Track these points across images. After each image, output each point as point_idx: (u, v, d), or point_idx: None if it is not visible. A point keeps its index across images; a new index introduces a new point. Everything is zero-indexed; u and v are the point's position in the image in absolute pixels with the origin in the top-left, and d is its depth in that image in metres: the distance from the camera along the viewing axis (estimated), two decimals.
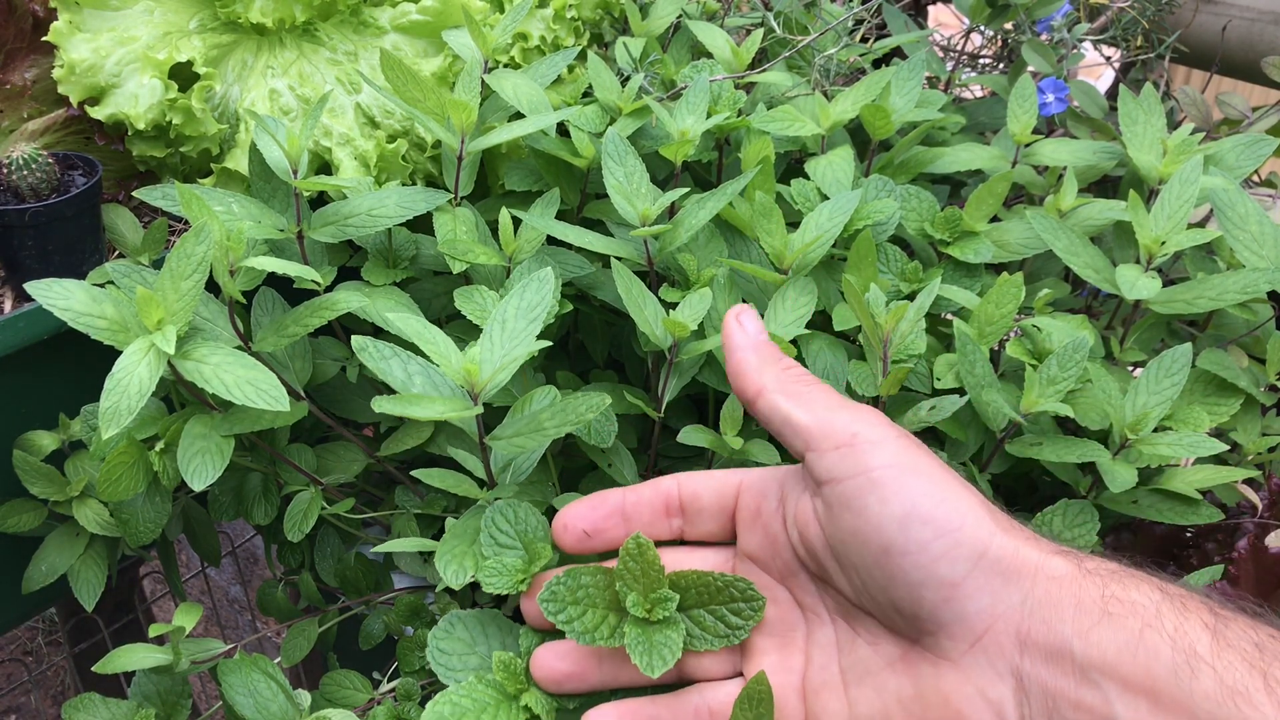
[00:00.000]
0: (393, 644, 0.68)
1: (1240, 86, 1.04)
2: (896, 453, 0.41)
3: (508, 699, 0.48)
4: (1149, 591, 0.38)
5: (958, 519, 0.40)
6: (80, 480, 0.67)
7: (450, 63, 0.74)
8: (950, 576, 0.39)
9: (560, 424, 0.54)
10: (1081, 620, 0.38)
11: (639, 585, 0.47)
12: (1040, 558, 0.40)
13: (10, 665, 1.63)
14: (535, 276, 0.55)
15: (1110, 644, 0.37)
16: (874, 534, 0.41)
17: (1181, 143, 0.73)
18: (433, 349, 0.51)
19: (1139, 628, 0.37)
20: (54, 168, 0.65)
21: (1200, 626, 0.36)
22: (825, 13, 0.86)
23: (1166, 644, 0.36)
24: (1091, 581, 0.39)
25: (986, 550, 0.40)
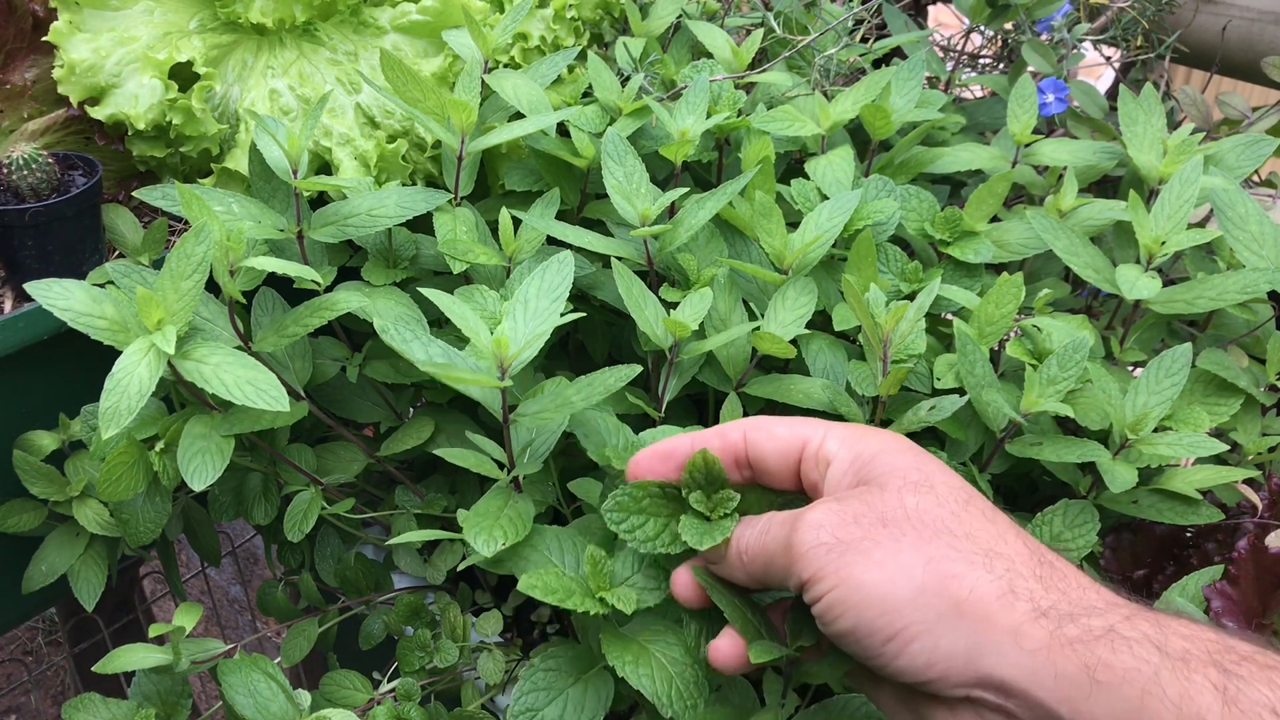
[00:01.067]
0: (393, 644, 0.68)
1: (1240, 86, 1.04)
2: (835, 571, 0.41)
3: (589, 594, 0.51)
4: (1145, 654, 0.36)
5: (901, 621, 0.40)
6: (80, 480, 0.67)
7: (450, 63, 0.74)
8: (912, 671, 0.40)
9: (588, 395, 0.55)
10: (1065, 690, 0.37)
11: (702, 488, 0.50)
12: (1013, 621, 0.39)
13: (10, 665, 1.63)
14: (555, 259, 0.56)
15: (1105, 713, 0.36)
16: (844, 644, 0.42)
17: (1181, 143, 0.73)
18: (464, 323, 0.53)
19: (1138, 696, 0.35)
20: (54, 168, 0.65)
21: (1208, 689, 0.35)
22: (825, 13, 0.86)
23: (1170, 713, 0.35)
24: (1073, 651, 0.37)
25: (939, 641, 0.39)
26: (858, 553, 0.41)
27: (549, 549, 0.55)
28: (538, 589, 0.50)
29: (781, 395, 0.63)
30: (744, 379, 0.65)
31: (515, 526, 0.55)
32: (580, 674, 0.53)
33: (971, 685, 0.39)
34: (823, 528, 0.43)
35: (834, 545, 0.42)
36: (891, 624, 0.40)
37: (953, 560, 0.40)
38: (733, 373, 0.65)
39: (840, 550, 0.41)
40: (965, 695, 0.39)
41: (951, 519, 0.42)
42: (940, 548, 0.41)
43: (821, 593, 0.42)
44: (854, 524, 0.42)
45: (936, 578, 0.40)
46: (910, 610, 0.39)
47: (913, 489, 0.43)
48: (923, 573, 0.40)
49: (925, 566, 0.40)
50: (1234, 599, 0.53)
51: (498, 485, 0.58)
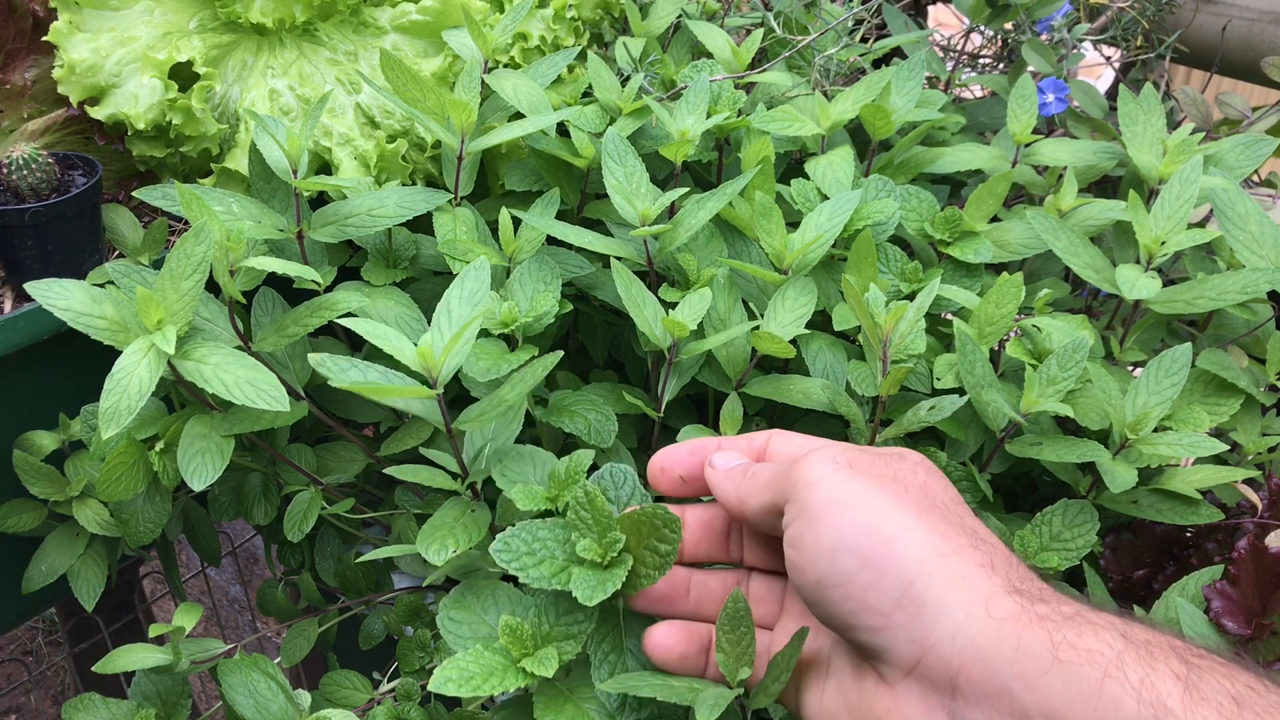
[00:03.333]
0: (393, 644, 0.68)
1: (1240, 86, 1.04)
2: (834, 487, 0.42)
3: (513, 665, 0.50)
4: (1109, 639, 0.36)
5: (884, 547, 0.40)
6: (80, 480, 0.67)
7: (450, 63, 0.74)
8: (878, 606, 0.39)
9: (519, 390, 0.55)
10: (1024, 664, 0.36)
11: (592, 532, 0.50)
12: (986, 590, 0.39)
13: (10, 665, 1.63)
14: (472, 266, 0.56)
15: (1062, 694, 0.35)
16: (810, 568, 0.41)
17: (1181, 143, 0.73)
18: (385, 343, 0.53)
19: (1098, 678, 0.35)
20: (54, 168, 0.65)
21: (1170, 677, 0.35)
22: (825, 13, 0.86)
23: (1131, 696, 0.34)
24: (1040, 626, 0.37)
25: (914, 579, 0.39)
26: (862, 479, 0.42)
27: (483, 608, 0.54)
28: (452, 682, 0.48)
29: (781, 395, 0.63)
30: (744, 379, 0.65)
31: (470, 534, 0.55)
32: None
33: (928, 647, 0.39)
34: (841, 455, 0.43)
35: (842, 466, 0.43)
36: (873, 550, 0.40)
37: (945, 526, 0.41)
38: (732, 373, 0.65)
39: (847, 472, 0.42)
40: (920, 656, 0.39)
41: (952, 505, 0.43)
42: (938, 515, 0.42)
43: (812, 503, 0.42)
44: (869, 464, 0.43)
45: (928, 528, 0.40)
46: (895, 544, 0.40)
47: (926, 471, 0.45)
48: (917, 518, 0.41)
49: (920, 515, 0.41)
50: (1234, 599, 0.53)
51: (456, 496, 0.58)
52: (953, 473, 0.60)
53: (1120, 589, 0.63)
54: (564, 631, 0.51)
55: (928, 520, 0.41)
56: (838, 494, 0.42)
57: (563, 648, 0.50)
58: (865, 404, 0.63)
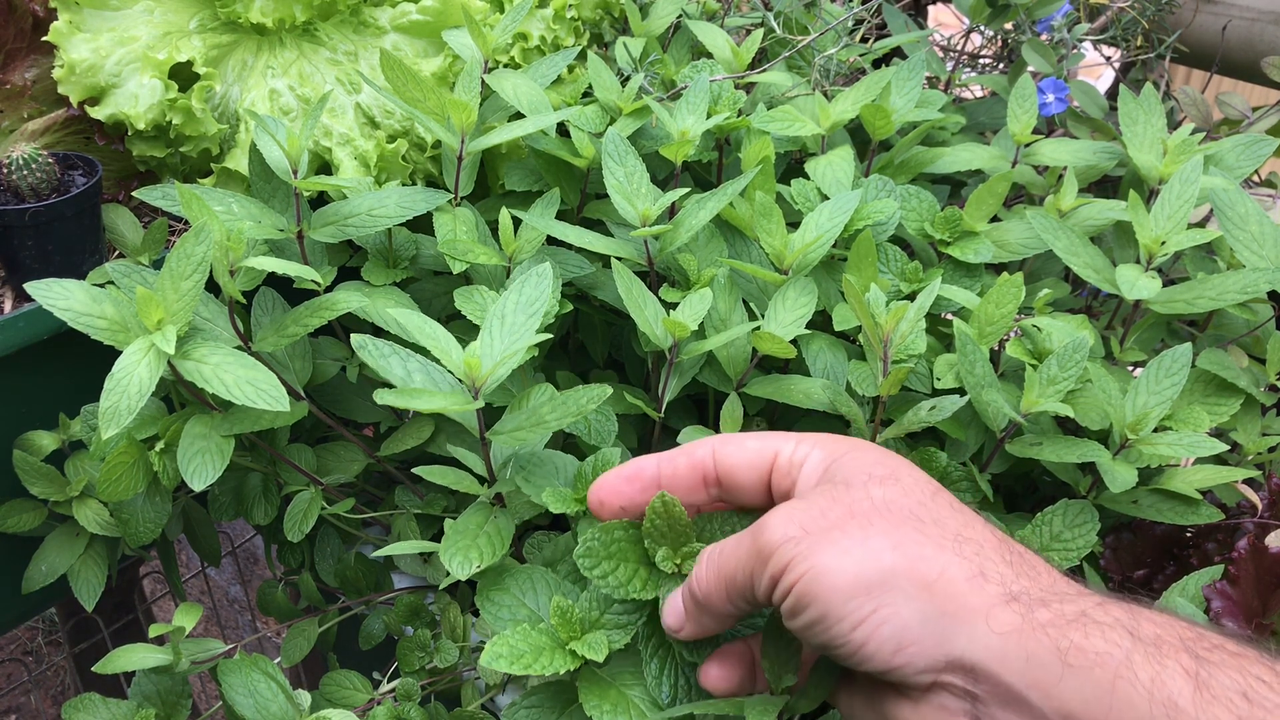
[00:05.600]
0: (393, 644, 0.68)
1: (1240, 86, 1.04)
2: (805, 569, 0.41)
3: (561, 647, 0.50)
4: (1117, 638, 0.36)
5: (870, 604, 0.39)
6: (80, 480, 0.67)
7: (450, 63, 0.74)
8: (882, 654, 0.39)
9: (561, 416, 0.54)
10: (1035, 674, 0.36)
11: (667, 541, 0.49)
12: (984, 607, 0.38)
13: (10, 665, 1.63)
14: (534, 271, 0.55)
15: (1076, 697, 0.35)
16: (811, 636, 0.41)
17: (1181, 143, 0.73)
18: (434, 344, 0.52)
19: (1109, 680, 0.35)
20: (54, 168, 0.65)
21: (1180, 674, 0.35)
22: (825, 13, 0.86)
23: (1143, 697, 0.34)
24: (1045, 635, 0.37)
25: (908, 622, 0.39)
26: (826, 541, 0.41)
27: (521, 591, 0.54)
28: (503, 658, 0.49)
29: (782, 395, 0.63)
30: (744, 379, 0.65)
31: (494, 545, 0.54)
32: (564, 709, 0.53)
33: (940, 670, 0.39)
34: (790, 522, 0.42)
35: (801, 537, 0.41)
36: (860, 608, 0.39)
37: (921, 544, 0.40)
38: (733, 373, 0.65)
39: (809, 541, 0.41)
40: (933, 681, 0.39)
41: (919, 507, 0.42)
42: (908, 532, 0.41)
43: (790, 584, 0.41)
44: (821, 517, 0.42)
45: (905, 560, 0.39)
46: (879, 593, 0.39)
47: (879, 482, 0.43)
48: (891, 556, 0.40)
49: (894, 550, 0.40)
50: (1234, 599, 0.53)
51: (479, 501, 0.58)
52: (953, 473, 0.60)
53: (1120, 589, 0.63)
54: (615, 620, 0.51)
55: (901, 552, 0.40)
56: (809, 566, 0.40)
57: (612, 635, 0.50)
58: (866, 404, 0.63)
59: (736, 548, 0.45)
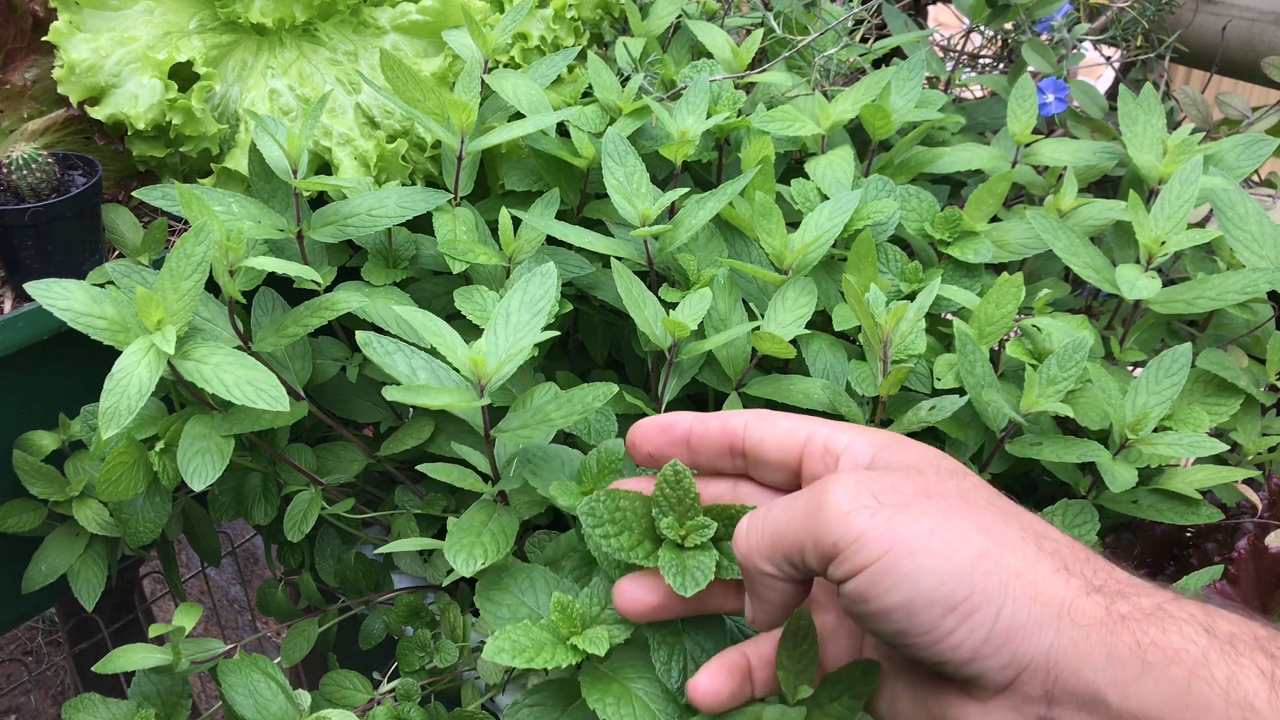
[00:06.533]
0: (393, 644, 0.68)
1: (1240, 86, 1.04)
2: (883, 537, 0.38)
3: (562, 642, 0.50)
4: (1193, 635, 0.35)
5: (965, 586, 0.37)
6: (80, 480, 0.67)
7: (450, 63, 0.74)
8: (970, 643, 0.37)
9: (567, 414, 0.54)
10: (1115, 671, 0.35)
11: (674, 511, 0.49)
12: (1068, 597, 0.37)
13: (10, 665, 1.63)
14: (538, 271, 0.55)
15: (1153, 696, 0.35)
16: (884, 623, 0.39)
17: (1181, 143, 0.73)
18: (440, 341, 0.52)
19: (1185, 678, 0.34)
20: (54, 168, 0.65)
21: (1255, 674, 0.34)
22: (825, 13, 0.86)
23: (1219, 696, 0.33)
24: (1125, 629, 0.36)
25: (1000, 609, 0.37)
26: (907, 516, 0.38)
27: (521, 590, 0.54)
28: (505, 652, 0.48)
29: (781, 395, 0.63)
30: (744, 379, 0.65)
31: (498, 543, 0.54)
32: (566, 707, 0.52)
33: (1023, 667, 0.37)
34: (860, 488, 0.39)
35: (877, 508, 0.38)
36: (954, 593, 0.37)
37: (1006, 533, 0.38)
38: (732, 373, 0.65)
39: (885, 514, 0.38)
40: (1012, 679, 0.37)
41: (995, 500, 0.40)
42: (992, 519, 0.39)
43: (867, 560, 0.38)
44: (894, 490, 0.39)
45: (996, 547, 0.38)
46: (973, 578, 0.37)
47: (949, 474, 0.41)
48: (981, 541, 0.38)
49: (982, 535, 0.38)
50: (1234, 599, 0.53)
51: (483, 498, 0.58)
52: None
53: None
54: (614, 616, 0.51)
55: (990, 537, 0.38)
56: (891, 544, 0.38)
57: (613, 630, 0.50)
58: (865, 404, 0.63)
59: (790, 507, 0.41)
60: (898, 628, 0.38)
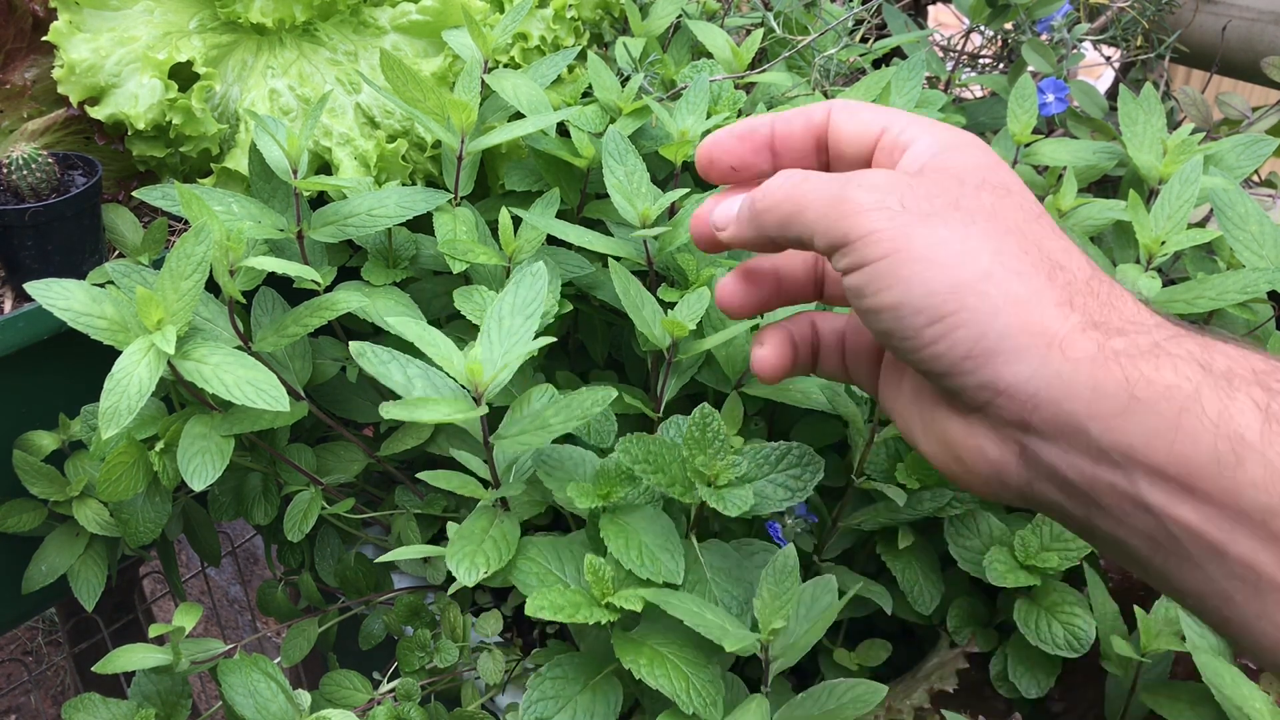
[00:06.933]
0: (393, 644, 0.68)
1: (1240, 86, 1.04)
2: (893, 240, 0.39)
3: (595, 602, 0.52)
4: (1187, 372, 0.34)
5: (954, 300, 0.37)
6: (80, 480, 0.67)
7: (450, 63, 0.74)
8: (949, 357, 0.38)
9: (566, 419, 0.54)
10: (1099, 404, 0.35)
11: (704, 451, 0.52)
12: (1064, 330, 0.37)
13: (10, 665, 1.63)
14: (528, 271, 0.55)
15: (1138, 431, 0.34)
16: (873, 321, 0.40)
17: (1181, 143, 0.73)
18: (435, 351, 0.52)
19: (1174, 413, 0.34)
20: (54, 168, 0.65)
21: (1250, 407, 0.33)
22: (825, 13, 0.86)
23: (1208, 430, 0.33)
24: (1116, 365, 0.35)
25: (986, 332, 0.37)
26: (924, 226, 0.38)
27: (546, 560, 0.55)
28: (546, 609, 0.50)
29: (780, 395, 0.63)
30: (743, 379, 0.65)
31: (500, 550, 0.54)
32: (588, 681, 0.53)
33: (999, 391, 0.37)
34: (890, 189, 0.39)
35: (898, 211, 0.39)
36: (943, 304, 0.37)
37: (1020, 259, 0.38)
38: (731, 372, 0.65)
39: (905, 218, 0.38)
40: (989, 400, 0.38)
41: (1026, 224, 0.40)
42: (1011, 244, 0.39)
43: (869, 258, 0.38)
44: (925, 199, 0.39)
45: (1003, 270, 0.38)
46: (966, 296, 0.37)
47: (990, 189, 0.41)
48: (989, 260, 0.38)
49: (993, 256, 0.38)
50: None
51: (483, 504, 0.58)
52: None
53: (1120, 589, 0.63)
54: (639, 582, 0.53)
55: (1000, 260, 0.38)
56: (897, 247, 0.38)
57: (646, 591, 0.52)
58: (864, 404, 0.63)
59: (823, 185, 0.41)
60: (885, 328, 0.39)
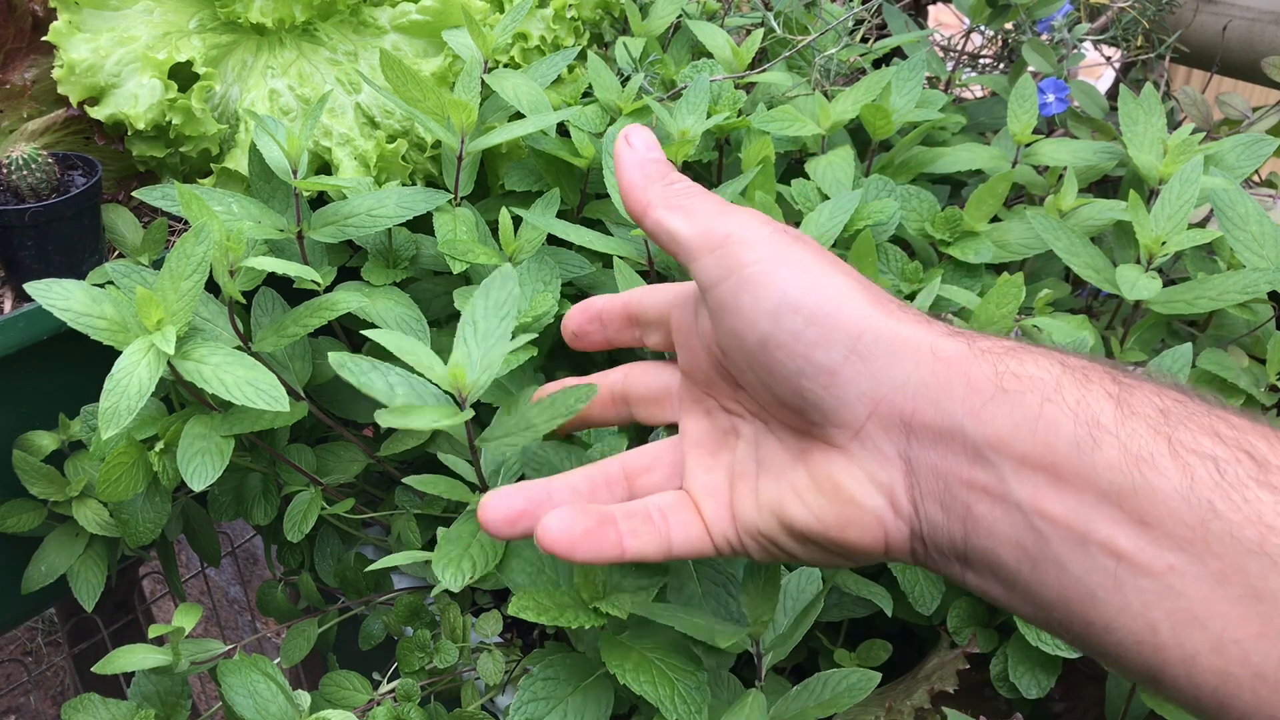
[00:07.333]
0: (392, 644, 0.68)
1: (1240, 86, 1.04)
2: (770, 248, 0.41)
3: (582, 605, 0.52)
4: (1048, 365, 0.37)
5: (830, 304, 0.39)
6: (80, 480, 0.67)
7: (450, 63, 0.74)
8: (827, 363, 0.39)
9: (550, 418, 0.54)
10: (972, 399, 0.37)
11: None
12: (928, 338, 0.39)
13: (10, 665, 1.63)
14: (498, 273, 0.55)
15: (1005, 421, 0.36)
16: (750, 330, 0.41)
17: (1182, 143, 0.73)
18: (414, 359, 0.51)
19: (1038, 402, 0.35)
20: (54, 168, 0.65)
21: (1104, 396, 0.35)
22: (825, 13, 0.86)
23: (1068, 417, 0.35)
24: (984, 360, 0.37)
25: (863, 333, 0.39)
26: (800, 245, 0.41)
27: (540, 560, 0.55)
28: (530, 610, 0.50)
29: None
30: None
31: (487, 554, 0.54)
32: (579, 682, 0.53)
33: (879, 399, 0.38)
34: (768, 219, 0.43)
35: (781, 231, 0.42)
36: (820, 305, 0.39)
37: (874, 291, 0.41)
38: None
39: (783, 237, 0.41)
40: (869, 415, 0.39)
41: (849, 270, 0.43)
42: (865, 283, 0.41)
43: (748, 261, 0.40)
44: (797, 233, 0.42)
45: (864, 289, 0.40)
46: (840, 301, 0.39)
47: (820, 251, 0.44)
48: (853, 281, 0.40)
49: (846, 276, 0.40)
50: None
51: (470, 509, 0.58)
52: None
53: None
54: (634, 584, 0.52)
55: (859, 283, 0.41)
56: (777, 253, 0.41)
57: (635, 598, 0.52)
58: None
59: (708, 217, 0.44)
60: (762, 335, 0.40)
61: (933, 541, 0.38)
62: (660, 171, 0.46)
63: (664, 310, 0.50)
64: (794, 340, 0.39)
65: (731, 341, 0.42)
